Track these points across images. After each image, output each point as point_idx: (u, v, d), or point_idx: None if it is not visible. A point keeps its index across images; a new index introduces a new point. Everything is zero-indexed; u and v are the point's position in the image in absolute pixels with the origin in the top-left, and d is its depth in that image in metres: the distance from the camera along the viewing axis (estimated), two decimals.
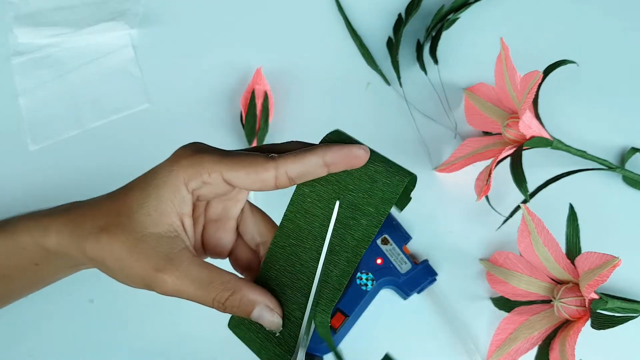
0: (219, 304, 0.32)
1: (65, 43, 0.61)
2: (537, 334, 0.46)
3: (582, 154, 0.50)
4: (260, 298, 0.32)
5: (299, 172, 0.32)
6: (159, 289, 0.31)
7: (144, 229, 0.31)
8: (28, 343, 0.50)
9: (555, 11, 0.60)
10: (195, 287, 0.31)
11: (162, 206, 0.32)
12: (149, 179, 0.32)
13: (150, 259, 0.31)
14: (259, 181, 0.32)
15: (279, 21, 0.61)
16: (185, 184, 0.32)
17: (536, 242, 0.46)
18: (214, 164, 0.31)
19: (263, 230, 0.36)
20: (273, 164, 0.31)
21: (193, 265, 0.32)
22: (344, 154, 0.32)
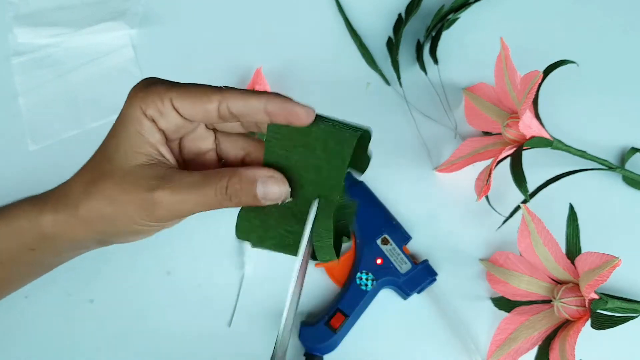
0: (222, 195, 0.31)
1: (65, 43, 0.61)
2: (537, 334, 0.46)
3: (582, 154, 0.50)
4: (259, 171, 0.32)
5: (240, 110, 0.32)
6: (160, 209, 0.32)
7: (125, 165, 0.32)
8: (28, 343, 0.50)
9: (555, 11, 0.60)
10: (193, 189, 0.31)
11: (133, 140, 0.33)
12: (116, 124, 0.34)
13: (142, 184, 0.32)
14: (203, 111, 0.32)
15: (279, 21, 0.61)
16: (143, 113, 0.33)
17: (536, 242, 0.46)
18: (165, 91, 0.33)
19: (243, 144, 0.36)
20: (219, 94, 0.32)
21: (183, 173, 0.32)
22: (285, 107, 0.32)
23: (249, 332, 0.50)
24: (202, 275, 0.52)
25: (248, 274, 0.52)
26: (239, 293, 0.51)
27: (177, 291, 0.52)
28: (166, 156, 0.34)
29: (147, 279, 0.52)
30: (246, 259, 0.52)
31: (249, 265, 0.52)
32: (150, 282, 0.52)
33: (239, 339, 0.50)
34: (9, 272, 0.38)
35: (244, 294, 0.51)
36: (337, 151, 0.33)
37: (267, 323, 0.50)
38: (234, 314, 0.50)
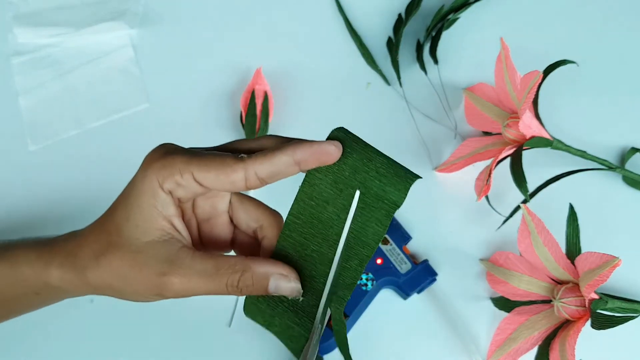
0: (233, 287, 0.31)
1: (65, 43, 0.61)
2: (537, 334, 0.46)
3: (582, 154, 0.50)
4: (272, 269, 0.32)
5: (269, 173, 0.31)
6: (169, 293, 0.31)
7: (137, 241, 0.31)
8: (28, 343, 0.50)
9: (555, 11, 0.60)
10: (204, 279, 0.31)
11: (145, 214, 0.31)
12: (128, 192, 0.32)
13: (152, 267, 0.31)
14: (229, 183, 0.31)
15: (279, 21, 0.61)
16: (160, 186, 0.31)
17: (536, 242, 0.46)
18: (184, 164, 0.31)
19: (256, 215, 0.35)
20: (242, 165, 0.31)
21: (195, 259, 0.31)
22: (314, 150, 0.31)
23: (248, 333, 0.50)
24: None
25: None
26: None
27: None
28: (180, 230, 0.33)
29: None
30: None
31: None
32: None
33: (239, 339, 0.50)
34: (11, 309, 0.38)
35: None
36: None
37: None
38: (234, 314, 0.50)
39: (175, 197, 0.32)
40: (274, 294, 0.32)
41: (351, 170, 0.32)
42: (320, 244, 0.32)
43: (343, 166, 0.32)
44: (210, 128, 0.57)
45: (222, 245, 0.37)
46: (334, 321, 0.34)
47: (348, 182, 0.32)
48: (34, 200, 0.55)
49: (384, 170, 0.32)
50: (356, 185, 0.32)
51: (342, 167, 0.32)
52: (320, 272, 0.32)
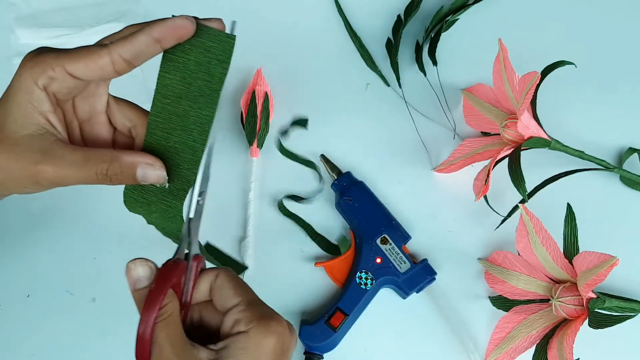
0: (103, 176, 0.34)
1: (66, 44, 0.60)
2: (535, 332, 0.47)
3: (580, 154, 0.50)
4: (138, 158, 0.35)
5: (132, 53, 0.34)
6: (44, 181, 0.34)
7: (15, 134, 0.34)
8: (29, 342, 0.50)
9: (553, 12, 0.60)
10: (75, 168, 0.34)
11: (22, 109, 0.34)
12: (7, 92, 0.35)
13: (27, 157, 0.34)
14: (98, 69, 0.34)
15: (279, 22, 0.62)
16: (35, 82, 0.34)
17: (534, 242, 0.46)
18: (54, 59, 0.34)
19: (131, 115, 0.38)
20: (106, 50, 0.34)
21: (67, 150, 0.34)
22: (170, 26, 0.35)
23: None
24: None
25: (248, 273, 0.52)
26: None
27: None
28: (56, 125, 0.35)
29: None
30: (246, 258, 0.52)
31: (249, 264, 0.52)
32: None
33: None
34: None
35: None
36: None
37: None
38: None
39: (51, 93, 0.35)
40: (142, 182, 0.35)
41: (195, 64, 0.36)
42: (180, 135, 0.36)
43: (187, 62, 0.36)
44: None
45: (104, 145, 0.39)
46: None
47: (194, 75, 0.36)
48: (35, 201, 0.55)
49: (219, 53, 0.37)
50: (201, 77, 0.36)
51: (187, 63, 0.36)
52: (184, 159, 0.36)
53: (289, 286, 0.52)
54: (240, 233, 0.53)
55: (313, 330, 0.48)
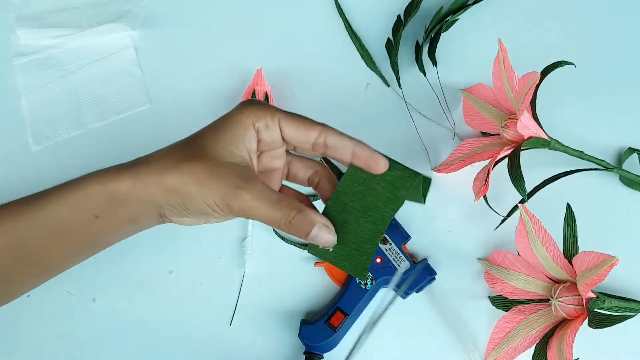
0: (286, 221, 0.36)
1: (67, 44, 0.61)
2: (534, 332, 0.47)
3: (580, 154, 0.51)
4: (319, 218, 0.37)
5: (333, 144, 0.38)
6: (237, 205, 0.36)
7: (221, 159, 0.36)
8: (30, 342, 0.51)
9: (553, 12, 0.60)
10: (268, 204, 0.36)
11: (235, 141, 0.37)
12: (221, 121, 0.38)
13: (230, 179, 0.36)
14: (304, 136, 0.38)
15: (279, 22, 0.62)
16: (253, 123, 0.37)
17: (534, 242, 0.46)
18: (275, 111, 0.38)
19: (311, 164, 0.42)
20: (320, 127, 0.38)
21: (264, 187, 0.37)
22: (370, 154, 0.38)
23: (249, 331, 0.50)
24: (204, 275, 0.52)
25: (248, 273, 0.52)
26: (239, 292, 0.52)
27: (178, 290, 0.52)
28: (254, 163, 0.38)
29: (149, 278, 0.52)
30: (247, 258, 0.52)
31: (249, 264, 0.52)
32: (152, 281, 0.52)
33: (239, 338, 0.50)
34: (65, 247, 0.40)
35: (245, 294, 0.52)
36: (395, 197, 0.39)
37: (268, 322, 0.51)
38: (234, 313, 0.51)
39: (259, 139, 0.38)
40: (310, 240, 0.37)
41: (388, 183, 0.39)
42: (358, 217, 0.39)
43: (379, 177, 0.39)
44: None
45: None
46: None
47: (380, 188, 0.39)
48: None
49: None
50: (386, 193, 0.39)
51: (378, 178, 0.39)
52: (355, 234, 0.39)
53: (289, 286, 0.52)
54: (240, 233, 0.53)
55: (313, 330, 0.48)
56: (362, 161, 0.38)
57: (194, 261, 0.53)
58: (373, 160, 0.38)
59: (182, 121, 0.58)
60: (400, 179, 0.39)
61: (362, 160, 0.38)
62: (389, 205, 0.39)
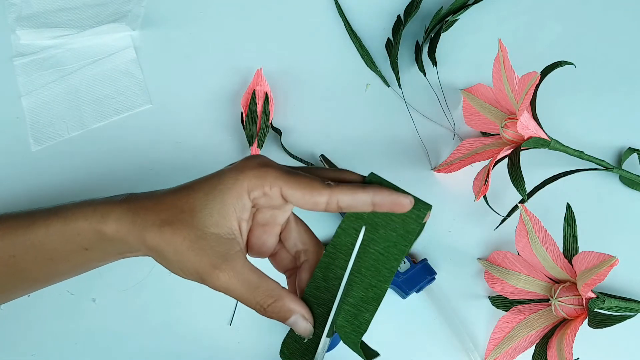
0: (261, 307, 0.35)
1: (67, 44, 0.61)
2: (534, 332, 0.47)
3: (580, 154, 0.51)
4: (298, 308, 0.36)
5: (348, 204, 0.35)
6: (211, 284, 0.34)
7: (206, 228, 0.34)
8: (30, 342, 0.50)
9: (552, 13, 0.60)
10: (244, 288, 0.34)
11: (224, 210, 0.34)
12: (214, 183, 0.35)
13: (209, 256, 0.34)
14: (312, 203, 0.35)
15: (279, 22, 0.62)
16: (248, 192, 0.35)
17: (534, 242, 0.46)
18: (276, 179, 0.34)
19: (305, 239, 0.39)
20: (328, 190, 0.34)
21: (245, 267, 0.35)
22: (392, 200, 0.35)
23: (249, 331, 0.50)
24: None
25: None
26: None
27: (178, 290, 0.52)
28: (243, 234, 0.36)
29: (149, 278, 0.52)
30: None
31: None
32: (152, 281, 0.52)
33: (239, 338, 0.50)
34: (57, 270, 0.40)
35: None
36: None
37: (268, 322, 0.51)
38: (234, 312, 0.51)
39: (255, 204, 0.36)
40: (289, 325, 0.36)
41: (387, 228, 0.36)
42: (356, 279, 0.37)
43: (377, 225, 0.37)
44: (211, 128, 0.58)
45: (264, 253, 0.39)
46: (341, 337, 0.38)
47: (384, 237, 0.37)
48: (37, 201, 0.55)
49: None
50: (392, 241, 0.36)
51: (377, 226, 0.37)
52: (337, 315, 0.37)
53: None
54: None
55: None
56: (385, 209, 0.35)
57: None
58: (397, 205, 0.35)
59: (182, 121, 0.58)
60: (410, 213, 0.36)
61: (385, 208, 0.35)
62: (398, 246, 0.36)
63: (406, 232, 0.36)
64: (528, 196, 0.48)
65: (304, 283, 0.38)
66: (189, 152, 0.57)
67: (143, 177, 0.56)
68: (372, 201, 0.35)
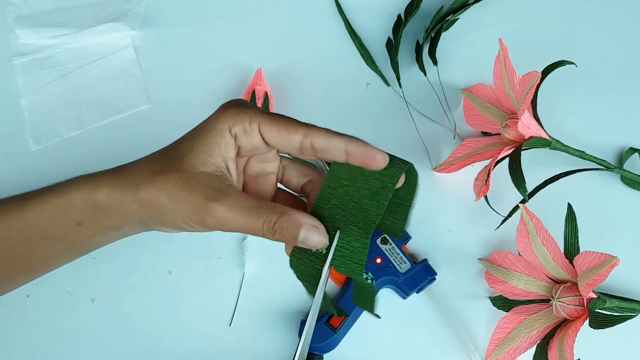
0: (269, 227, 0.34)
1: (66, 44, 0.61)
2: (535, 333, 0.47)
3: (581, 154, 0.50)
4: (306, 219, 0.34)
5: (322, 147, 0.35)
6: (210, 219, 0.34)
7: (194, 168, 0.34)
8: (29, 342, 0.50)
9: (553, 12, 0.60)
10: (245, 213, 0.33)
11: (209, 148, 0.35)
12: (198, 128, 0.36)
13: (203, 191, 0.34)
14: (287, 141, 0.35)
15: (279, 22, 0.62)
16: (229, 129, 0.35)
17: (535, 242, 0.46)
18: (255, 115, 0.35)
19: (306, 171, 0.39)
20: (304, 129, 0.35)
21: (241, 195, 0.34)
22: (365, 151, 0.35)
23: (249, 332, 0.50)
24: (203, 275, 0.52)
25: (248, 273, 0.52)
26: (239, 292, 0.52)
27: (178, 290, 0.52)
28: (232, 173, 0.36)
29: (149, 278, 0.52)
30: (246, 258, 0.52)
31: (249, 264, 0.52)
32: (152, 281, 0.52)
33: (239, 338, 0.50)
34: (51, 249, 0.39)
35: (245, 294, 0.51)
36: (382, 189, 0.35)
37: (268, 322, 0.51)
38: (234, 313, 0.51)
39: (238, 144, 0.36)
40: (300, 244, 0.34)
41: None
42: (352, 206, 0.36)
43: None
44: None
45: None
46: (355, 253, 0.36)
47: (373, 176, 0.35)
48: None
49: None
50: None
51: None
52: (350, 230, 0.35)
53: (289, 286, 0.51)
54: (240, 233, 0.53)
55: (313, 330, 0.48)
56: (358, 160, 0.35)
57: (193, 261, 0.53)
58: (370, 158, 0.35)
59: (182, 121, 0.58)
60: (388, 170, 0.35)
61: (357, 159, 0.35)
62: (376, 198, 0.35)
63: (382, 188, 0.35)
64: (529, 196, 0.48)
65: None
66: None
67: None
68: (346, 149, 0.35)
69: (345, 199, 0.36)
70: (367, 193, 0.35)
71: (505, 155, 0.49)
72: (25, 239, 0.39)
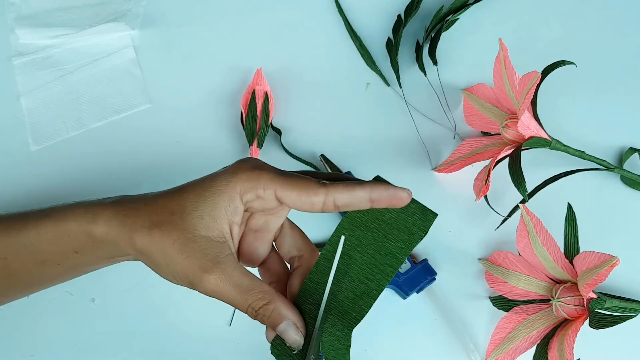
0: (253, 310, 0.34)
1: (66, 44, 0.61)
2: (535, 333, 0.47)
3: (581, 154, 0.50)
4: (290, 314, 0.34)
5: (345, 202, 0.34)
6: (201, 288, 0.33)
7: (196, 231, 0.33)
8: (29, 342, 0.50)
9: (553, 12, 0.60)
10: (235, 291, 0.33)
11: (215, 212, 0.34)
12: (206, 185, 0.34)
13: (199, 259, 0.33)
14: (308, 203, 0.34)
15: (279, 22, 0.62)
16: (240, 195, 0.34)
17: (535, 242, 0.46)
18: (269, 181, 0.34)
19: (300, 245, 0.38)
20: (324, 190, 0.34)
21: (236, 270, 0.34)
22: (389, 194, 0.34)
23: (249, 332, 0.50)
24: None
25: None
26: None
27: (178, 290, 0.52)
28: (234, 237, 0.35)
29: (149, 278, 0.52)
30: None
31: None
32: (152, 281, 0.52)
33: (239, 339, 0.50)
34: (48, 272, 0.39)
35: None
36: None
37: None
38: (234, 313, 0.51)
39: (247, 207, 0.35)
40: (277, 332, 0.35)
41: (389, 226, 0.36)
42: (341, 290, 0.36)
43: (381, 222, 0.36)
44: (211, 128, 0.57)
45: (255, 260, 0.38)
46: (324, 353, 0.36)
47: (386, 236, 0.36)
48: (36, 201, 0.55)
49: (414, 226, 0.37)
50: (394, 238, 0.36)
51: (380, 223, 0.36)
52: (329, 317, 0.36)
53: None
54: None
55: None
56: (384, 204, 0.34)
57: None
58: (396, 199, 0.34)
59: (182, 121, 0.58)
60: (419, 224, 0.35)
61: (383, 203, 0.34)
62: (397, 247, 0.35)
63: (409, 238, 0.35)
64: (529, 196, 0.48)
65: (295, 289, 0.37)
66: (189, 152, 0.56)
67: (143, 176, 0.56)
68: (370, 197, 0.34)
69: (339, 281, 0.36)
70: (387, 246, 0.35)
71: (505, 155, 0.49)
72: (22, 262, 0.38)
